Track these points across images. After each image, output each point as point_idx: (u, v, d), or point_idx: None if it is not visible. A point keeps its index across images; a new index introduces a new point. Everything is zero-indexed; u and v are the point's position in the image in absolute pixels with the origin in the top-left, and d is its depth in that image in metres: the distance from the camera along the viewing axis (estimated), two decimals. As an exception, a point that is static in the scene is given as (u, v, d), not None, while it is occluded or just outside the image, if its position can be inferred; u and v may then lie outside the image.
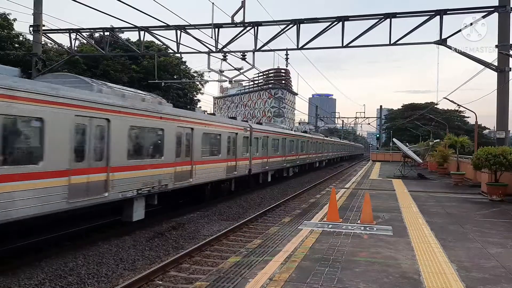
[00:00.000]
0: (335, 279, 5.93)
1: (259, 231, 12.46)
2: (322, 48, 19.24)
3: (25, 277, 8.02)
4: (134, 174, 11.51)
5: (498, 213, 12.60)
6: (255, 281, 5.85)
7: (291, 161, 30.74)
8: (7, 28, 27.49)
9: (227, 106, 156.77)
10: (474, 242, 8.46)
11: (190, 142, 14.98)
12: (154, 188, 12.48)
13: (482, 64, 16.92)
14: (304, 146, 35.62)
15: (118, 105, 11.05)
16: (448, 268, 6.56)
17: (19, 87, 8.13)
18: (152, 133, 13.06)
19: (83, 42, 30.25)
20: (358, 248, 7.78)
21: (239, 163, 19.81)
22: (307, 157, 36.66)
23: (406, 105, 78.92)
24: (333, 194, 11.14)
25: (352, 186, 19.64)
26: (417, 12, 17.30)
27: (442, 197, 16.20)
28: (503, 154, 14.71)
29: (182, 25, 18.85)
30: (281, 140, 28.04)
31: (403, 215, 11.50)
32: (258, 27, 18.58)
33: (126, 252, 10.13)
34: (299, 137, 34.67)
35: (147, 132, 12.78)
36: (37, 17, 18.80)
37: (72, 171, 9.32)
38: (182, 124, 14.39)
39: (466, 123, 69.14)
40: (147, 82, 31.26)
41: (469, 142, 25.72)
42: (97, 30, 21.96)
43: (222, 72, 22.28)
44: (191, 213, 15.13)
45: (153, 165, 12.54)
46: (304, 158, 35.63)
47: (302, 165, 35.48)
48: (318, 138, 44.26)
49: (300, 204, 16.52)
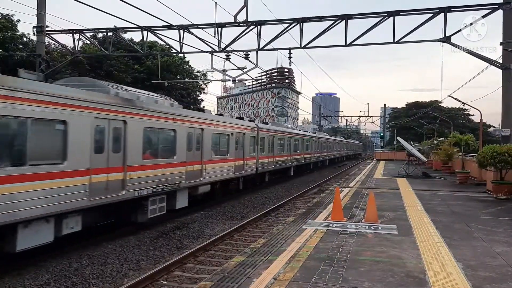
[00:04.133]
0: (340, 278, 5.91)
1: (263, 231, 12.45)
2: (325, 47, 19.18)
3: (30, 277, 8.04)
4: (148, 174, 11.89)
5: (504, 211, 12.53)
6: (260, 280, 5.83)
7: (295, 160, 31.05)
8: (11, 29, 27.58)
9: (231, 105, 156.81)
10: (480, 241, 8.41)
11: (200, 142, 15.32)
12: (168, 186, 12.83)
13: (487, 62, 16.81)
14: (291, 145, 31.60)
15: (133, 107, 11.40)
16: (454, 267, 6.52)
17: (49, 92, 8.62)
18: (166, 134, 13.40)
19: (86, 43, 30.33)
20: (362, 247, 7.74)
21: (246, 162, 20.22)
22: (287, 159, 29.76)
23: (410, 103, 78.72)
24: (337, 193, 11.11)
25: (356, 185, 19.59)
26: (421, 10, 17.21)
27: (447, 195, 16.13)
28: (508, 152, 14.63)
29: (185, 25, 18.85)
30: (287, 139, 28.63)
31: (408, 214, 11.45)
32: (261, 26, 18.54)
33: (130, 252, 10.14)
34: (295, 135, 32.33)
35: (161, 133, 13.15)
36: (40, 18, 18.85)
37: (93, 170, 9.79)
38: (193, 125, 14.80)
39: (471, 121, 68.91)
40: (150, 82, 31.30)
41: (474, 140, 25.61)
42: (100, 30, 22.01)
43: (225, 71, 22.29)
44: (195, 213, 15.14)
45: (167, 164, 12.92)
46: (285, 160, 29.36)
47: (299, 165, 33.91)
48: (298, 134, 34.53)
49: (304, 203, 16.49)
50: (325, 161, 46.04)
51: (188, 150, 14.26)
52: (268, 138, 24.06)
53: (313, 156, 37.82)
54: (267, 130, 24.34)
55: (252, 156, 21.19)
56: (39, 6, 18.81)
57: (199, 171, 15.15)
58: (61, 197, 8.76)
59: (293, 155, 30.05)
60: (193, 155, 14.69)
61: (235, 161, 18.73)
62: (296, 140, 31.15)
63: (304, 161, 33.75)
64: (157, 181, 12.27)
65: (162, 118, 12.74)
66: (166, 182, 12.73)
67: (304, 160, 34.00)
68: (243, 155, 19.75)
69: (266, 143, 23.68)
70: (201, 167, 15.27)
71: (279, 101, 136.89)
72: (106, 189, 10.17)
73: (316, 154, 39.46)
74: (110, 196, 10.35)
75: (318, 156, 40.83)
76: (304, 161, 33.75)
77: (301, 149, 32.84)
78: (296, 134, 32.10)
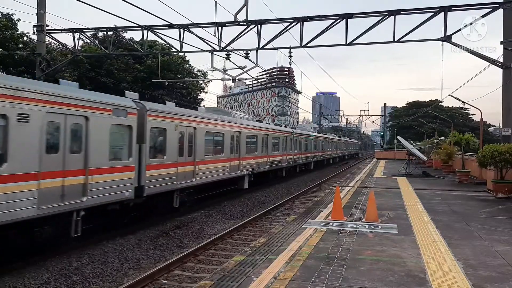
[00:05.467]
0: (340, 277, 5.90)
1: (264, 230, 12.45)
2: (325, 46, 19.18)
3: (30, 276, 8.04)
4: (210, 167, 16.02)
5: (504, 210, 12.53)
6: (260, 280, 5.83)
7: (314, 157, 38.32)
8: (11, 28, 27.59)
9: (231, 105, 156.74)
10: (480, 240, 8.40)
11: (238, 142, 19.35)
12: (214, 177, 16.80)
13: (487, 61, 16.79)
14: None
15: (201, 117, 15.41)
16: (454, 266, 6.51)
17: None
18: (219, 137, 17.42)
19: (86, 42, 30.33)
20: (363, 246, 7.74)
21: (287, 157, 28.56)
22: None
23: (410, 102, 78.58)
24: (338, 192, 11.10)
25: (357, 184, 19.58)
26: (421, 9, 17.19)
27: (447, 195, 16.12)
28: (508, 151, 14.62)
29: (185, 24, 18.84)
30: (310, 140, 36.77)
31: (408, 213, 11.45)
32: (261, 26, 18.53)
33: (130, 251, 10.14)
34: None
35: (218, 136, 17.36)
36: (40, 17, 18.85)
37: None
38: (235, 129, 18.99)
39: (471, 120, 68.82)
40: (150, 82, 31.29)
41: (474, 140, 25.61)
42: (100, 29, 22.00)
43: (226, 70, 22.26)
44: (195, 212, 15.14)
45: (220, 160, 17.12)
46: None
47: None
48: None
49: (305, 203, 16.48)
50: (308, 164, 36.95)
51: (231, 149, 18.46)
52: (299, 139, 32.22)
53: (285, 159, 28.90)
54: (299, 134, 32.84)
55: (289, 153, 29.13)
56: (39, 5, 18.80)
57: (237, 166, 19.35)
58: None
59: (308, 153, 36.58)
60: (234, 153, 18.89)
61: (284, 156, 27.81)
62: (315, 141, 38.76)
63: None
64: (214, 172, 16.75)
65: (216, 124, 16.98)
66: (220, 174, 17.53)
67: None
68: (285, 151, 28.05)
69: (298, 143, 31.92)
70: (239, 163, 19.50)
71: (279, 101, 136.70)
72: (184, 176, 14.13)
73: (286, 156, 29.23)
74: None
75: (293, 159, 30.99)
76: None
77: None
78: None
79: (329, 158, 48.57)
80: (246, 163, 20.19)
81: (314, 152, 38.74)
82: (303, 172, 34.52)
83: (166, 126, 12.98)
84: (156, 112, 12.52)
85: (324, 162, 45.73)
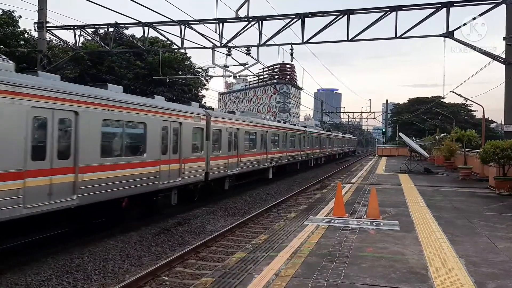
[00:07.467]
0: (342, 274, 5.88)
1: (265, 227, 12.45)
2: (327, 42, 19.17)
3: (32, 273, 8.05)
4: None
5: (506, 207, 12.48)
6: (261, 276, 5.81)
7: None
8: (12, 25, 27.52)
9: (232, 101, 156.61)
10: (482, 237, 8.37)
11: (265, 139, 22.80)
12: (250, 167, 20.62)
13: (489, 57, 16.71)
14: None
15: (241, 120, 19.47)
16: (456, 263, 6.49)
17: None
18: (252, 135, 21.44)
19: (87, 39, 30.25)
20: (364, 243, 7.72)
21: (301, 152, 32.16)
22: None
23: (412, 99, 78.27)
24: (339, 189, 11.08)
25: (358, 181, 19.55)
26: (423, 5, 17.11)
27: (449, 191, 16.08)
28: (511, 148, 14.55)
29: (186, 20, 18.79)
30: (321, 137, 41.13)
31: (410, 210, 11.42)
32: (262, 22, 18.47)
33: (132, 248, 10.15)
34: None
35: (252, 134, 21.32)
36: (41, 14, 18.79)
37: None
38: (264, 129, 22.73)
39: (473, 116, 68.49)
40: (151, 78, 31.22)
41: (476, 136, 25.50)
42: (101, 26, 21.97)
43: (227, 67, 22.19)
44: (196, 209, 15.14)
45: (254, 154, 21.11)
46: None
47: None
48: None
49: (306, 199, 16.48)
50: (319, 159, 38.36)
51: (261, 145, 22.25)
52: (310, 137, 35.47)
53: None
54: (312, 132, 37.07)
55: (302, 149, 32.71)
56: (40, 2, 18.75)
57: (264, 159, 22.95)
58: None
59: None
60: (262, 148, 22.55)
61: (299, 151, 31.68)
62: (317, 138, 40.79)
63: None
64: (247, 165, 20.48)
65: (251, 125, 21.10)
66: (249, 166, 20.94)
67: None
68: (300, 147, 31.66)
69: (308, 140, 34.82)
70: (266, 156, 23.16)
71: (280, 97, 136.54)
72: (231, 166, 17.91)
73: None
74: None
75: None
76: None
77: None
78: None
79: (333, 154, 51.77)
80: (271, 157, 24.12)
81: (322, 148, 42.32)
82: (304, 169, 34.48)
83: (221, 128, 17.07)
84: (215, 117, 16.58)
85: (331, 157, 49.36)
